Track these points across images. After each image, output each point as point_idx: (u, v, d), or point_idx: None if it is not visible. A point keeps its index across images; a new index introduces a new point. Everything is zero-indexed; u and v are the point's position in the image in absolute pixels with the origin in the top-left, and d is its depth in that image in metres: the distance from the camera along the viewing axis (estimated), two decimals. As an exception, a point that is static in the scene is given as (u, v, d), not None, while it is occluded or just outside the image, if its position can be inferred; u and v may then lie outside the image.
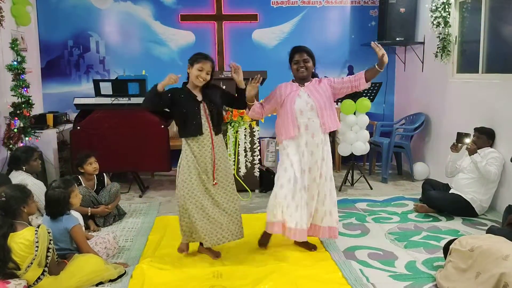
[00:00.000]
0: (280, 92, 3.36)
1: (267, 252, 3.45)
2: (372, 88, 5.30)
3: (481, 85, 4.73)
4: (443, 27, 5.25)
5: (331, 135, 6.12)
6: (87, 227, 3.92)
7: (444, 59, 5.31)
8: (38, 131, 5.09)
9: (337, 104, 5.67)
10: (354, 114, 5.23)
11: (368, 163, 6.47)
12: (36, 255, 2.67)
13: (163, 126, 5.05)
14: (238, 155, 4.88)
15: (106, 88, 5.13)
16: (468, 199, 4.24)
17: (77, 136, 5.04)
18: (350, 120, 5.21)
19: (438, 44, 5.33)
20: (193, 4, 6.28)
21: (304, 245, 3.54)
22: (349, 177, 5.50)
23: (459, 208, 4.27)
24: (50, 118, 5.53)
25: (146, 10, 6.26)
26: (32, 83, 5.17)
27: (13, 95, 4.84)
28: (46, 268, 2.74)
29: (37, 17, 6.07)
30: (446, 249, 3.04)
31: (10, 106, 4.83)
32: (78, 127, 5.05)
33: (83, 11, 6.16)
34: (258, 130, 5.03)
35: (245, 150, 4.90)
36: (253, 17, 6.31)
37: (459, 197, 4.28)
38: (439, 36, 5.31)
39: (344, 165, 6.18)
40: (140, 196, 5.13)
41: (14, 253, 2.65)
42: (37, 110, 5.56)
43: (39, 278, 2.72)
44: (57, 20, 6.13)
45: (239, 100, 3.39)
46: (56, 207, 3.10)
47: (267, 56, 6.34)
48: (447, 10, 5.19)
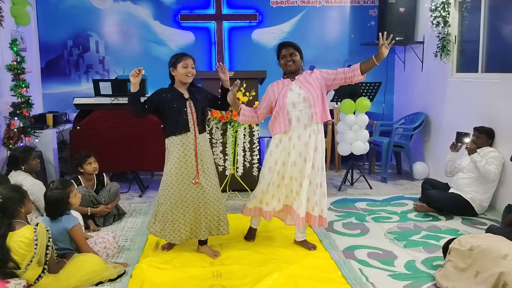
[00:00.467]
0: (272, 90, 3.39)
1: (267, 252, 3.45)
2: (371, 87, 5.30)
3: (480, 84, 4.73)
4: (442, 27, 5.26)
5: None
6: (87, 227, 3.92)
7: (444, 59, 5.31)
8: (37, 131, 5.09)
9: (336, 104, 5.68)
10: (354, 113, 5.23)
11: (367, 163, 6.47)
12: (35, 253, 2.68)
13: (162, 126, 5.03)
14: (237, 155, 4.88)
15: (105, 88, 5.14)
16: (467, 199, 4.24)
17: (76, 136, 5.04)
18: (349, 120, 5.21)
19: (437, 44, 5.34)
20: (192, 4, 6.29)
21: (304, 244, 3.55)
22: (348, 176, 5.50)
23: (459, 207, 4.27)
24: (49, 118, 5.54)
25: (145, 10, 6.26)
26: (31, 83, 5.18)
27: (12, 95, 4.84)
28: (46, 267, 2.75)
29: (36, 17, 6.08)
30: (446, 248, 3.04)
31: (10, 106, 4.84)
32: (78, 127, 5.05)
33: (83, 11, 6.17)
34: (257, 130, 5.03)
35: (244, 150, 4.90)
36: (252, 17, 6.32)
37: (459, 196, 4.28)
38: (438, 36, 5.31)
39: (344, 164, 6.18)
40: (140, 196, 5.13)
41: (13, 251, 2.66)
42: (36, 110, 5.56)
43: (39, 276, 2.72)
44: (56, 20, 6.14)
45: (223, 101, 3.41)
46: (55, 208, 3.10)
47: (266, 56, 6.32)
48: (446, 9, 5.19)
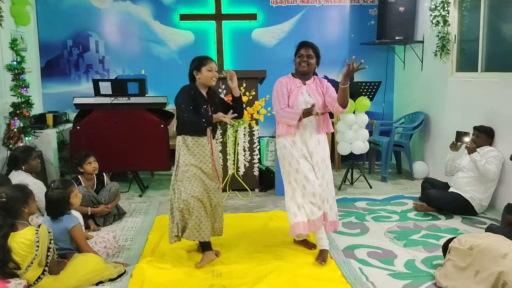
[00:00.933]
0: (289, 86, 3.31)
1: (267, 251, 3.45)
2: (371, 87, 5.30)
3: (480, 83, 4.73)
4: (442, 26, 5.25)
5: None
6: (87, 227, 3.92)
7: (444, 58, 5.31)
8: (38, 131, 5.09)
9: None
10: (354, 113, 5.23)
11: (367, 162, 6.47)
12: (36, 254, 2.68)
13: (162, 126, 5.05)
14: (237, 155, 4.89)
15: (105, 87, 5.13)
16: (467, 198, 4.25)
17: (76, 136, 5.04)
18: (349, 119, 5.21)
19: (437, 43, 5.34)
20: (192, 4, 6.28)
21: (304, 244, 3.55)
22: (348, 176, 5.51)
23: (459, 206, 4.28)
24: (49, 118, 5.54)
25: (145, 10, 6.26)
26: (31, 83, 5.18)
27: (12, 95, 4.85)
28: (47, 268, 2.75)
29: (36, 17, 6.08)
30: (445, 247, 3.04)
31: (10, 106, 4.84)
32: (78, 127, 5.05)
33: (83, 10, 6.16)
34: (257, 130, 5.03)
35: (244, 150, 4.90)
36: (252, 16, 6.31)
37: (459, 195, 4.28)
38: (438, 35, 5.31)
39: (344, 164, 6.18)
40: (140, 196, 5.13)
41: (14, 252, 2.66)
42: (36, 110, 5.57)
43: (39, 277, 2.73)
44: (56, 20, 6.14)
45: (234, 109, 3.38)
46: (56, 208, 3.10)
47: (266, 56, 6.34)
48: (446, 9, 5.19)
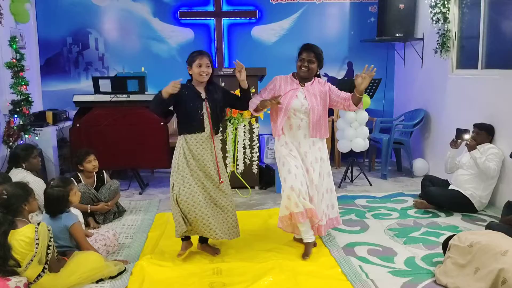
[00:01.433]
0: (280, 84, 3.32)
1: (267, 249, 3.46)
2: (371, 84, 5.30)
3: (480, 81, 4.72)
4: (442, 23, 5.24)
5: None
6: (87, 224, 3.92)
7: (444, 55, 5.30)
8: (37, 128, 5.09)
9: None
10: (354, 110, 5.22)
11: (367, 160, 6.47)
12: (36, 252, 2.68)
13: (162, 123, 5.05)
14: (237, 152, 4.88)
15: (105, 85, 5.13)
16: (467, 195, 4.25)
17: (76, 134, 5.04)
18: (349, 117, 5.20)
19: (437, 40, 5.33)
20: (192, 1, 6.27)
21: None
22: (348, 173, 5.51)
23: (459, 204, 4.28)
24: (49, 116, 5.54)
25: (145, 7, 6.25)
26: (31, 81, 5.18)
27: (12, 93, 4.84)
28: (46, 266, 2.75)
29: (36, 14, 6.07)
30: (445, 245, 3.04)
31: (10, 103, 4.84)
32: (78, 125, 5.05)
33: (82, 8, 6.15)
34: (257, 127, 5.03)
35: (244, 147, 4.90)
36: (252, 13, 6.30)
37: (459, 193, 4.28)
38: (438, 32, 5.30)
39: (344, 161, 6.18)
40: (140, 193, 5.13)
41: (14, 250, 2.66)
42: (36, 107, 5.57)
43: (39, 275, 2.73)
44: (56, 17, 6.13)
45: (241, 100, 3.37)
46: (55, 206, 3.10)
47: (266, 53, 6.33)
48: (446, 6, 5.18)
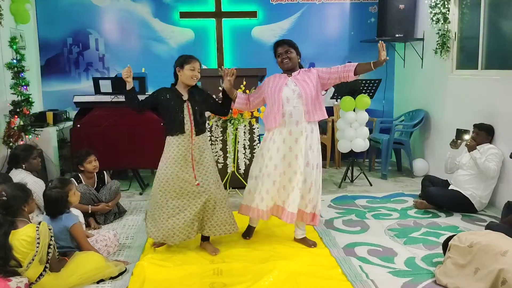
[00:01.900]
0: (269, 83, 3.42)
1: (267, 249, 3.46)
2: (371, 84, 5.30)
3: (480, 81, 4.73)
4: (442, 24, 5.25)
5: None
6: (88, 225, 3.92)
7: (444, 56, 5.31)
8: (38, 129, 5.09)
9: (336, 101, 5.68)
10: (354, 110, 5.23)
11: (367, 160, 6.47)
12: (37, 251, 2.69)
13: (162, 124, 5.05)
14: (238, 152, 4.88)
15: (105, 86, 5.13)
16: (467, 195, 4.25)
17: (77, 134, 5.04)
18: (349, 117, 5.21)
19: (437, 41, 5.33)
20: (192, 1, 6.27)
21: (304, 241, 3.56)
22: (348, 173, 5.51)
23: (459, 204, 4.28)
24: (50, 116, 5.53)
25: (145, 8, 6.25)
26: (31, 81, 5.18)
27: (12, 93, 4.84)
28: (47, 265, 2.76)
29: (36, 15, 6.07)
30: (445, 245, 3.05)
31: (10, 104, 4.84)
32: (78, 125, 5.05)
33: (82, 8, 6.16)
34: (257, 127, 5.03)
35: (244, 147, 4.90)
36: (252, 14, 6.30)
37: (459, 193, 4.29)
38: (438, 33, 5.31)
39: (344, 161, 6.19)
40: (140, 194, 5.14)
41: (15, 249, 2.67)
42: (36, 108, 5.57)
43: (40, 275, 2.73)
44: (56, 17, 6.13)
45: (222, 106, 3.44)
46: (55, 207, 3.11)
47: (266, 53, 6.21)
48: (446, 6, 5.19)
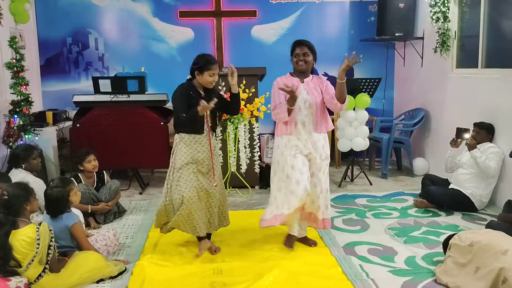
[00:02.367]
0: (283, 83, 3.28)
1: (268, 249, 3.46)
2: (371, 83, 5.30)
3: (480, 80, 4.72)
4: (442, 22, 5.24)
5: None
6: (88, 225, 3.92)
7: (444, 54, 5.30)
8: (37, 128, 5.08)
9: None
10: (354, 109, 5.23)
11: (367, 159, 6.47)
12: (37, 252, 2.69)
13: (162, 123, 5.05)
14: (238, 152, 4.88)
15: (105, 85, 5.13)
16: (467, 194, 4.25)
17: (76, 134, 5.04)
18: (349, 116, 5.21)
19: (437, 39, 5.32)
20: (191, 1, 6.27)
21: (304, 241, 3.56)
22: (348, 172, 5.50)
23: (459, 203, 4.28)
24: (49, 116, 5.52)
25: (144, 7, 6.25)
26: (31, 81, 5.17)
27: (12, 93, 4.84)
28: (47, 266, 2.75)
29: (35, 14, 6.06)
30: (446, 244, 3.04)
31: (10, 104, 4.83)
32: (78, 125, 5.05)
33: (82, 8, 6.15)
34: (257, 127, 5.03)
35: (244, 147, 4.90)
36: (252, 13, 6.30)
37: (459, 192, 4.28)
38: (438, 31, 5.30)
39: (344, 161, 6.18)
40: (140, 193, 5.13)
41: (15, 250, 2.67)
42: (36, 107, 5.56)
43: (40, 275, 2.73)
44: (55, 17, 6.12)
45: (231, 104, 3.40)
46: (55, 206, 3.11)
47: (266, 52, 6.33)
48: (446, 5, 5.18)
